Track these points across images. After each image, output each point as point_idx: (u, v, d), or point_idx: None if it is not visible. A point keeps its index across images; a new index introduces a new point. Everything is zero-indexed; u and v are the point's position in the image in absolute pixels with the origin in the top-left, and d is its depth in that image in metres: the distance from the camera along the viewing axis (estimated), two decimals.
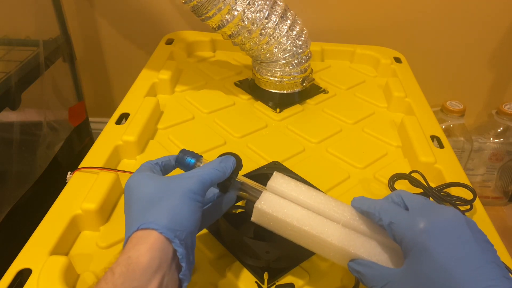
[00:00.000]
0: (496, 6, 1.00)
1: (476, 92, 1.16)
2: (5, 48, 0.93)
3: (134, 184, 0.38)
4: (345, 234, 0.39)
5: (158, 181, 0.38)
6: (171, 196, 0.35)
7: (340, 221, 0.40)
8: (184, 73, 0.86)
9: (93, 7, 1.06)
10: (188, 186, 0.36)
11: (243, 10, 0.67)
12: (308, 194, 0.42)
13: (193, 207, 0.36)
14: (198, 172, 0.39)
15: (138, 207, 0.35)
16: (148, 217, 0.34)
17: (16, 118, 0.89)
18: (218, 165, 0.41)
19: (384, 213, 0.36)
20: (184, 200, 0.35)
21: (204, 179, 0.38)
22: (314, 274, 0.47)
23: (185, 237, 0.34)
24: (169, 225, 0.33)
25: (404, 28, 1.04)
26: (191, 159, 0.43)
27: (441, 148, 0.64)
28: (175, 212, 0.34)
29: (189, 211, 0.35)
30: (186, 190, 0.36)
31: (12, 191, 0.87)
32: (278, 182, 0.43)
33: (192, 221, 0.35)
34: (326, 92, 0.82)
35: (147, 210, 0.35)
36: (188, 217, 0.35)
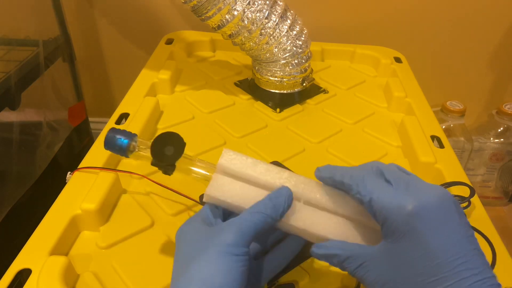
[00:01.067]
0: (496, 6, 1.00)
1: (476, 92, 1.16)
2: (5, 48, 0.93)
3: (178, 237, 0.35)
4: (306, 213, 0.35)
5: (198, 234, 0.33)
6: (203, 255, 0.31)
7: (301, 199, 0.36)
8: (184, 73, 0.86)
9: (93, 7, 1.06)
10: (223, 239, 0.31)
11: (243, 10, 0.67)
12: (266, 171, 0.37)
13: (230, 263, 0.31)
14: (237, 219, 0.33)
15: (175, 268, 0.33)
16: (179, 285, 0.31)
17: (15, 118, 0.88)
18: (265, 207, 0.34)
19: (363, 186, 0.32)
20: (216, 258, 0.31)
21: (245, 227, 0.32)
22: (314, 274, 0.47)
23: None
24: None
25: (404, 28, 1.04)
26: (124, 139, 0.38)
27: (441, 148, 0.64)
28: (204, 277, 0.30)
29: (224, 270, 0.30)
30: (219, 244, 0.31)
31: (12, 191, 0.87)
32: (229, 160, 0.37)
33: (229, 281, 0.30)
34: (326, 92, 0.82)
35: (179, 275, 0.31)
36: (223, 278, 0.30)
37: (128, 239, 0.50)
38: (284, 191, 0.35)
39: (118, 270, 0.46)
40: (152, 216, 0.53)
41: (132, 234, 0.50)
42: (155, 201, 0.55)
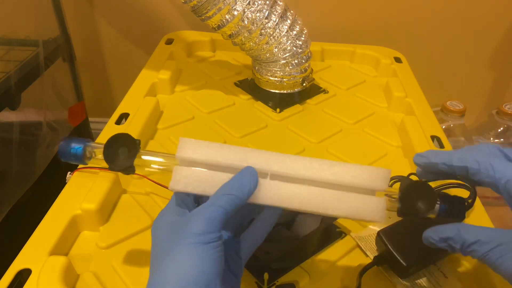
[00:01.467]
0: (496, 6, 1.00)
1: (476, 92, 1.16)
2: (5, 48, 0.93)
3: (152, 234, 0.34)
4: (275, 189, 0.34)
5: (168, 228, 0.33)
6: (173, 249, 0.30)
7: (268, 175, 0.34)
8: (184, 73, 0.86)
9: (93, 7, 1.06)
10: (190, 229, 0.30)
11: (243, 10, 0.67)
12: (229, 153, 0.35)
13: (201, 253, 0.30)
14: (204, 206, 0.32)
15: (151, 265, 0.32)
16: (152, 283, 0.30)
17: (15, 118, 0.88)
18: (231, 188, 0.33)
19: (494, 171, 0.32)
20: (187, 250, 0.30)
21: (212, 212, 0.31)
22: (314, 274, 0.47)
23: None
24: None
25: (404, 28, 1.04)
26: (78, 146, 0.37)
27: (442, 148, 0.64)
28: (178, 271, 0.29)
29: (197, 261, 0.29)
30: (187, 236, 0.30)
31: (12, 191, 0.87)
32: (187, 148, 0.35)
33: (204, 270, 0.29)
34: (326, 92, 0.82)
35: (153, 272, 0.31)
36: (197, 269, 0.29)
37: (128, 239, 0.50)
38: (248, 170, 0.34)
39: (118, 270, 0.46)
40: (152, 216, 0.53)
41: (132, 234, 0.50)
42: (155, 201, 0.55)
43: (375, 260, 0.45)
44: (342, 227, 0.52)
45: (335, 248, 0.50)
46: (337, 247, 0.50)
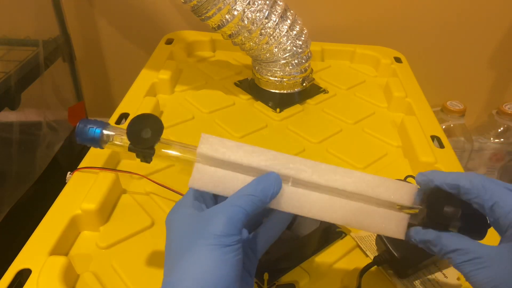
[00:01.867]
0: (496, 6, 1.00)
1: (476, 92, 1.16)
2: (5, 48, 0.93)
3: (167, 227, 0.33)
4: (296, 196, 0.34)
5: (186, 223, 0.32)
6: (192, 250, 0.29)
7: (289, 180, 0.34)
8: (184, 73, 0.86)
9: (93, 7, 1.06)
10: (211, 230, 0.30)
11: (243, 10, 0.67)
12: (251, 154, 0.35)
13: (222, 256, 0.29)
14: (225, 205, 0.31)
15: (166, 262, 0.31)
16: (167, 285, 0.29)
17: (15, 118, 0.88)
18: (254, 190, 0.32)
19: (484, 191, 0.32)
20: (206, 253, 0.29)
21: (234, 213, 0.30)
22: (314, 274, 0.47)
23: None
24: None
25: (404, 28, 1.04)
26: (96, 128, 0.35)
27: (442, 148, 0.64)
28: (196, 275, 0.28)
29: (216, 265, 0.29)
30: (208, 237, 0.29)
31: (12, 191, 0.87)
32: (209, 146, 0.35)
33: (223, 274, 0.29)
34: (326, 92, 0.82)
35: (170, 271, 0.30)
36: (216, 273, 0.28)
37: (128, 239, 0.50)
38: (272, 175, 0.33)
39: (118, 270, 0.46)
40: (152, 216, 0.53)
41: (132, 234, 0.50)
42: (155, 201, 0.55)
43: (375, 260, 0.45)
44: (342, 227, 0.52)
45: (335, 248, 0.50)
46: (337, 247, 0.50)
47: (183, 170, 0.61)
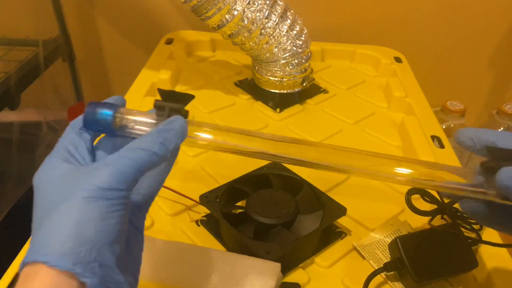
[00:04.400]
0: (496, 6, 1.00)
1: (476, 92, 1.16)
2: (5, 48, 0.93)
3: (36, 186, 0.27)
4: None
5: (64, 177, 0.26)
6: (69, 201, 0.25)
7: None
8: (183, 73, 0.86)
9: (93, 7, 1.06)
10: (94, 180, 0.25)
11: (243, 9, 0.67)
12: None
13: (104, 209, 0.25)
14: (115, 157, 0.27)
15: (35, 218, 0.26)
16: (35, 242, 0.24)
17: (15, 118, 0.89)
18: (152, 144, 0.28)
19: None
20: (87, 203, 0.24)
21: (124, 166, 0.26)
22: (314, 274, 0.47)
23: (96, 257, 0.24)
24: (64, 249, 0.23)
25: (404, 28, 1.04)
26: (107, 110, 0.30)
27: (442, 148, 0.64)
28: (72, 226, 0.24)
29: (97, 217, 0.24)
30: (89, 188, 0.25)
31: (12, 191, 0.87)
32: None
33: (105, 230, 0.25)
34: (326, 92, 0.82)
35: (37, 228, 0.25)
36: (96, 226, 0.24)
37: None
38: (176, 123, 0.29)
39: None
40: (152, 216, 0.53)
41: None
42: (155, 201, 0.55)
43: (385, 266, 0.44)
44: (342, 227, 0.52)
45: (335, 248, 0.50)
46: (337, 247, 0.50)
47: (184, 169, 0.61)
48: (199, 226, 0.51)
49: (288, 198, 0.50)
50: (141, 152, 0.27)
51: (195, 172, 0.60)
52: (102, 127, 0.30)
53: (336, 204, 0.50)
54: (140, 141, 0.28)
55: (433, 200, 0.52)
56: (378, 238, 0.50)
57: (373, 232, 0.51)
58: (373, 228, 0.52)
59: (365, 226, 0.53)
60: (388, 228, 0.51)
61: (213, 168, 0.61)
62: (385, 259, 0.47)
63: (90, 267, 0.23)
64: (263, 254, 0.43)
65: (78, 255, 0.23)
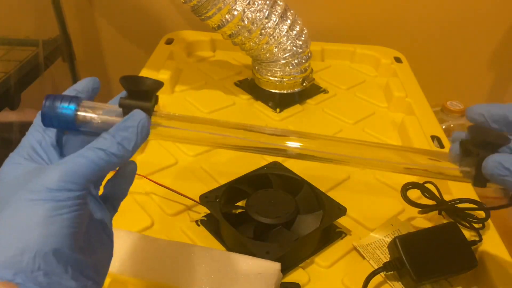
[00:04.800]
0: (496, 6, 1.00)
1: (476, 92, 1.16)
2: (5, 48, 0.93)
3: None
4: None
5: (18, 174, 0.25)
6: (14, 204, 0.23)
7: None
8: (184, 73, 0.86)
9: (93, 7, 1.06)
10: (42, 183, 0.23)
11: (243, 9, 0.67)
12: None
13: (50, 212, 0.23)
14: (71, 156, 0.25)
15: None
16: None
17: (15, 118, 0.88)
18: (110, 143, 0.26)
19: None
20: (32, 206, 0.23)
21: (78, 168, 0.24)
22: (314, 274, 0.47)
23: (40, 264, 0.22)
24: (4, 258, 0.22)
25: (404, 28, 1.04)
26: (68, 104, 0.27)
27: (442, 148, 0.64)
28: (13, 232, 0.22)
29: (42, 221, 0.22)
30: (36, 189, 0.23)
31: None
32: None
33: (52, 235, 0.23)
34: (326, 92, 0.82)
35: None
36: (42, 231, 0.22)
37: None
38: (137, 117, 0.27)
39: None
40: (152, 216, 0.53)
41: None
42: (155, 201, 0.55)
43: (384, 266, 0.45)
44: (342, 227, 0.52)
45: (335, 248, 0.50)
46: (337, 247, 0.50)
47: (184, 169, 0.61)
48: (199, 226, 0.52)
49: (288, 198, 0.51)
50: (99, 152, 0.25)
51: (195, 172, 0.60)
52: (63, 123, 0.28)
53: (336, 204, 0.50)
54: (98, 140, 0.26)
55: (432, 196, 0.52)
56: (378, 238, 0.50)
57: (373, 232, 0.51)
58: (373, 228, 0.52)
59: (365, 226, 0.53)
60: (388, 228, 0.51)
61: (213, 168, 0.61)
62: (384, 259, 0.47)
63: (34, 276, 0.22)
64: (263, 254, 0.43)
65: (19, 264, 0.21)
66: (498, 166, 0.30)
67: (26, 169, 0.26)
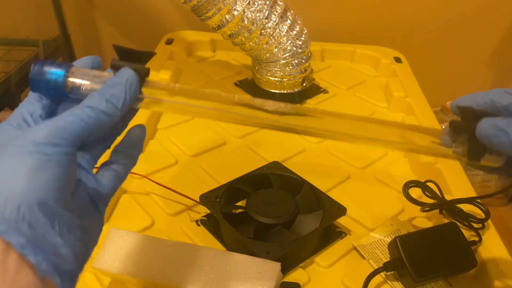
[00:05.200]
0: (496, 6, 1.00)
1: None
2: (5, 48, 0.93)
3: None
4: None
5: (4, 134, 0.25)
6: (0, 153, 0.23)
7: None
8: (184, 73, 0.86)
9: (93, 7, 1.06)
10: (30, 137, 0.23)
11: (243, 10, 0.67)
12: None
13: (38, 164, 0.22)
14: (60, 115, 0.25)
15: None
16: None
17: None
18: (98, 101, 0.26)
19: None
20: (18, 156, 0.22)
21: (66, 124, 0.24)
22: (314, 274, 0.47)
23: (24, 215, 0.21)
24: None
25: (404, 28, 1.04)
26: (57, 69, 0.27)
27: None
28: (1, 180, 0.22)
29: (28, 172, 0.22)
30: (23, 143, 0.23)
31: None
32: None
33: (37, 187, 0.22)
34: (326, 92, 0.82)
35: None
36: (27, 182, 0.22)
37: None
38: (125, 74, 0.27)
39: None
40: (152, 216, 0.53)
41: None
42: (155, 201, 0.55)
43: (384, 266, 0.45)
44: (342, 227, 0.52)
45: (335, 248, 0.50)
46: (337, 247, 0.50)
47: (184, 169, 0.61)
48: (199, 226, 0.52)
49: (288, 198, 0.51)
50: (87, 109, 0.25)
51: (195, 172, 0.60)
52: (52, 89, 0.27)
53: (336, 204, 0.50)
54: (87, 98, 0.26)
55: (434, 195, 0.52)
56: (378, 238, 0.50)
57: (373, 232, 0.51)
58: (373, 228, 0.52)
59: (365, 226, 0.53)
60: (388, 228, 0.51)
61: (213, 168, 0.61)
62: (384, 259, 0.47)
63: (17, 226, 0.21)
64: (263, 254, 0.43)
65: (1, 214, 0.21)
66: (492, 128, 0.31)
67: (13, 134, 0.25)
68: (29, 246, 0.21)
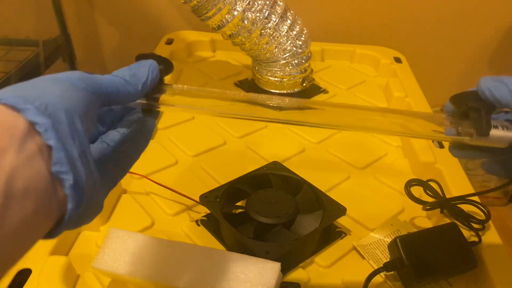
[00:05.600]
0: (496, 7, 1.00)
1: None
2: (5, 48, 0.93)
3: None
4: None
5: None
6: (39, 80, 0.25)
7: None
8: (184, 73, 0.86)
9: (93, 7, 1.06)
10: (63, 74, 0.26)
11: (243, 10, 0.67)
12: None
13: (69, 86, 0.24)
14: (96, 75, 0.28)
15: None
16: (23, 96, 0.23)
17: None
18: (122, 73, 0.30)
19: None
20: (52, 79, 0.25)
21: (97, 78, 0.27)
22: (314, 274, 0.47)
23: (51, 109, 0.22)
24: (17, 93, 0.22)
25: (404, 28, 1.04)
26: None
27: (441, 148, 0.64)
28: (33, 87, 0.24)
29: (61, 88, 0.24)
30: (55, 76, 0.25)
31: None
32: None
33: (68, 98, 0.23)
34: (326, 92, 0.82)
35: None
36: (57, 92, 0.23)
37: None
38: (149, 61, 0.33)
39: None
40: (152, 216, 0.53)
41: None
42: (155, 201, 0.55)
43: (384, 266, 0.44)
44: (342, 227, 0.52)
45: (335, 248, 0.50)
46: (337, 247, 0.50)
47: (185, 170, 0.61)
48: (199, 226, 0.52)
49: (288, 198, 0.51)
50: (114, 77, 0.29)
51: (195, 172, 0.60)
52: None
53: (336, 204, 0.50)
54: (116, 71, 0.30)
55: (435, 194, 0.52)
56: (378, 238, 0.50)
57: (373, 232, 0.51)
58: (373, 228, 0.52)
59: (365, 226, 0.53)
60: (388, 228, 0.51)
61: (213, 168, 0.61)
62: (384, 259, 0.47)
63: (42, 111, 0.22)
64: (263, 254, 0.43)
65: (33, 103, 0.22)
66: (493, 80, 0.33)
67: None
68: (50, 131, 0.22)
